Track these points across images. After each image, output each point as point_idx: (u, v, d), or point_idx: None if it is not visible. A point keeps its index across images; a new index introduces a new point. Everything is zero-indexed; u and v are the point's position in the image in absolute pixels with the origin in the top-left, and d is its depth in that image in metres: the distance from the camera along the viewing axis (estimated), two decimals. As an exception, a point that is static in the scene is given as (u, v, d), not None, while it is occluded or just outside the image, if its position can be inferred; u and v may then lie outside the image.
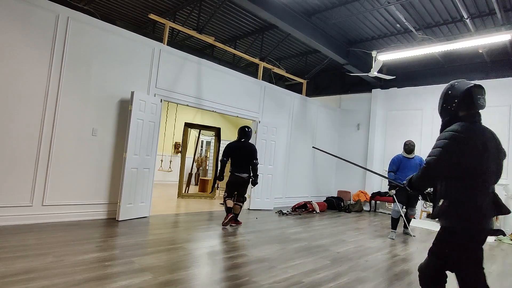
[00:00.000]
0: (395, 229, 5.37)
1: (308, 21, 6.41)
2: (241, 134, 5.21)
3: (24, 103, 4.05)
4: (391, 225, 5.41)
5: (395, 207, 5.36)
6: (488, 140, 1.79)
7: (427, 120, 7.98)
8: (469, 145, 1.72)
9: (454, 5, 5.59)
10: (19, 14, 3.99)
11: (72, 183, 4.49)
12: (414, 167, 5.35)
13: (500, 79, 6.99)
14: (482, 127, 1.84)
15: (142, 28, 7.77)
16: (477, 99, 1.83)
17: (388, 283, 3.17)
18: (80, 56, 4.51)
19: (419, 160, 5.41)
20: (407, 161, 5.41)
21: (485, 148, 1.75)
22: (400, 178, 5.38)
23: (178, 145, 10.91)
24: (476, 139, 1.74)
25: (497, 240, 5.85)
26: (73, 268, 2.77)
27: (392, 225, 5.39)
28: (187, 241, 3.99)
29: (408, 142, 5.46)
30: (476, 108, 1.85)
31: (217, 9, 6.59)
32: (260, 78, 7.44)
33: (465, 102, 1.85)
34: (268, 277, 3.01)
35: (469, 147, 1.72)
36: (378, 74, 6.76)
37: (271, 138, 7.22)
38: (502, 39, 5.25)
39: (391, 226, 5.40)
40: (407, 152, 5.45)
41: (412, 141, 5.47)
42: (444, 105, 1.94)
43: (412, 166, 5.37)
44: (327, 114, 9.27)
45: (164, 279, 2.73)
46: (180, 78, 5.71)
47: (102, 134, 4.78)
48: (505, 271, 3.95)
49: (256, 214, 6.45)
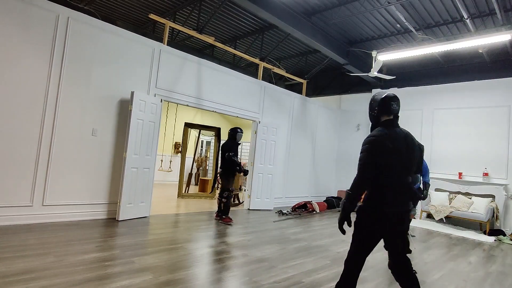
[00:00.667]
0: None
1: (308, 21, 6.41)
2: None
3: (24, 103, 4.05)
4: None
5: None
6: (399, 142, 2.17)
7: (427, 120, 7.98)
8: (382, 146, 2.10)
9: (454, 5, 5.59)
10: (19, 14, 3.99)
11: (72, 183, 4.49)
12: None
13: (500, 79, 6.99)
14: (396, 130, 2.22)
15: (142, 28, 7.77)
16: (390, 105, 2.23)
17: (388, 283, 3.17)
18: (80, 56, 4.51)
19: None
20: None
21: (396, 148, 2.13)
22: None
23: (178, 145, 10.91)
24: (388, 141, 2.12)
25: (497, 240, 5.85)
26: (73, 268, 2.77)
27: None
28: (187, 241, 3.99)
29: None
30: (391, 113, 2.24)
31: (217, 9, 6.59)
32: (260, 78, 7.44)
33: (382, 109, 2.25)
34: (268, 277, 3.01)
35: (382, 148, 2.10)
36: (378, 74, 6.76)
37: (271, 138, 7.22)
38: (502, 39, 5.25)
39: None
40: None
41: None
42: (370, 113, 2.35)
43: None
44: (327, 114, 9.27)
45: (164, 279, 2.73)
46: (180, 78, 5.71)
47: (102, 134, 4.78)
48: (505, 271, 3.95)
49: (256, 214, 6.45)
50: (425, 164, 5.37)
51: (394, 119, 2.26)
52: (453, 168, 7.42)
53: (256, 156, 6.96)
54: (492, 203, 6.50)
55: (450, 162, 7.49)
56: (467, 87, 7.44)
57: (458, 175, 7.25)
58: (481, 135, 7.13)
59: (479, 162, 7.06)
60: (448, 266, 3.94)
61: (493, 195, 6.70)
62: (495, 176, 6.84)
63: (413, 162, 2.24)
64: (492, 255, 4.69)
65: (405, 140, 2.21)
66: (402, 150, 2.16)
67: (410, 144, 2.22)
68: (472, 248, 5.05)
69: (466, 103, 7.42)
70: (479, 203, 6.51)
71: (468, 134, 7.31)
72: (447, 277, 3.51)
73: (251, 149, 7.10)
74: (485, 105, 7.15)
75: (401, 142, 2.18)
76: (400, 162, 2.15)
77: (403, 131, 2.25)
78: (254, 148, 7.00)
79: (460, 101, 7.52)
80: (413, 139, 2.28)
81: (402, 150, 2.16)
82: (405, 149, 2.18)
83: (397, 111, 2.26)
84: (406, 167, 2.19)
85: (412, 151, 2.23)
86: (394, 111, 2.25)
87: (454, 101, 7.61)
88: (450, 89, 7.71)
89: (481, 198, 6.66)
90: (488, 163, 6.94)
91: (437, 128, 7.82)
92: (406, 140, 2.22)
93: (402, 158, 2.15)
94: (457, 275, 3.63)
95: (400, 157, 2.15)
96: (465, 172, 7.22)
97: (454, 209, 6.64)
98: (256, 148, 6.97)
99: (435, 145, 7.78)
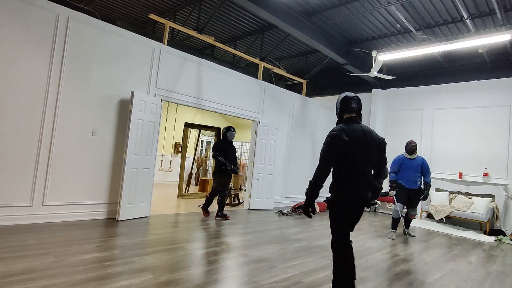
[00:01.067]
0: (395, 229, 5.38)
1: (308, 21, 6.41)
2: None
3: (24, 103, 4.05)
4: (391, 225, 5.42)
5: (395, 207, 5.36)
6: (357, 136, 2.40)
7: (427, 120, 7.99)
8: (341, 140, 2.34)
9: (454, 5, 5.59)
10: (19, 14, 3.99)
11: (72, 183, 4.49)
12: (416, 168, 5.33)
13: (500, 79, 6.99)
14: (356, 126, 2.47)
15: (142, 28, 7.77)
16: (349, 104, 2.53)
17: (388, 283, 3.17)
18: (80, 56, 4.51)
19: (421, 160, 5.39)
20: (408, 161, 5.40)
21: (354, 142, 2.37)
22: (402, 179, 5.37)
23: (178, 145, 10.91)
24: (346, 136, 2.36)
25: (497, 240, 5.85)
26: (73, 268, 2.77)
27: (393, 225, 5.40)
28: (187, 241, 3.99)
29: (409, 143, 5.44)
30: (351, 111, 2.53)
31: (217, 9, 6.59)
32: (260, 78, 7.44)
33: (343, 107, 2.56)
34: (268, 277, 3.01)
35: (341, 142, 2.34)
36: (378, 74, 6.76)
37: (271, 138, 7.22)
38: (502, 39, 5.25)
39: (391, 226, 5.41)
40: (408, 152, 5.44)
41: (414, 142, 5.44)
42: (336, 111, 2.67)
43: (414, 166, 5.34)
44: (327, 114, 9.27)
45: (164, 279, 2.73)
46: (180, 78, 5.71)
47: (102, 134, 4.78)
48: (505, 271, 3.95)
49: (256, 214, 6.45)
50: (426, 165, 5.40)
51: (356, 117, 2.54)
52: (453, 168, 7.42)
53: (256, 156, 6.96)
54: (492, 203, 6.50)
55: (450, 162, 7.49)
56: (467, 87, 7.44)
57: (458, 175, 7.25)
58: (481, 135, 7.13)
59: (479, 162, 7.06)
60: (448, 266, 3.94)
61: (493, 195, 6.70)
62: (495, 176, 6.84)
63: (372, 154, 2.48)
64: (492, 255, 4.69)
65: (364, 135, 2.45)
66: (361, 144, 2.41)
67: (368, 138, 2.46)
68: (472, 248, 5.05)
69: (466, 103, 7.42)
70: (479, 203, 6.51)
71: (468, 134, 7.31)
72: (447, 277, 3.51)
73: (251, 149, 7.10)
74: (485, 105, 7.15)
75: (359, 136, 2.42)
76: (359, 154, 2.40)
77: (363, 127, 2.50)
78: (254, 148, 7.00)
79: (460, 101, 7.52)
80: (372, 134, 2.52)
81: (360, 144, 2.41)
82: (363, 143, 2.42)
83: (357, 109, 2.55)
84: (365, 159, 2.44)
85: (370, 144, 2.46)
86: (353, 109, 2.54)
87: (454, 101, 7.61)
88: (450, 89, 7.71)
89: (481, 198, 6.66)
90: (488, 163, 6.95)
91: (437, 128, 7.82)
92: (365, 135, 2.46)
93: (360, 151, 2.40)
94: (457, 275, 3.63)
95: (358, 150, 2.40)
96: (465, 172, 7.22)
97: (454, 209, 6.64)
98: (256, 148, 6.97)
99: (435, 145, 7.78)
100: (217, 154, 5.49)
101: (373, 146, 2.48)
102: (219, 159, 5.47)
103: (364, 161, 2.43)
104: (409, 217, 5.55)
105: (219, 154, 5.50)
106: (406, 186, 5.32)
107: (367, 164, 2.46)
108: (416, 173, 5.32)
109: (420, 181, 5.35)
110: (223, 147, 5.62)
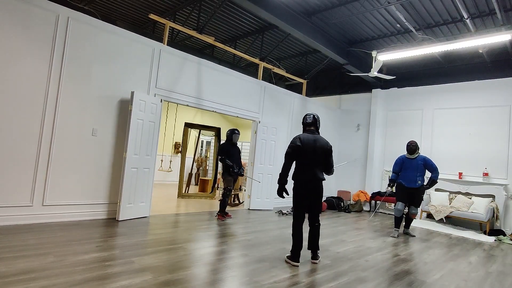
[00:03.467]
0: (398, 227, 5.43)
1: (308, 21, 6.41)
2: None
3: (24, 103, 4.05)
4: (395, 223, 5.47)
5: (397, 206, 5.42)
6: (309, 142, 3.49)
7: (427, 120, 7.98)
8: (296, 145, 3.47)
9: (454, 5, 5.59)
10: (19, 14, 3.99)
11: (72, 183, 4.49)
12: (416, 167, 5.38)
13: (500, 79, 6.99)
14: (309, 135, 3.57)
15: (142, 28, 7.77)
16: (306, 120, 3.73)
17: (388, 283, 3.17)
18: (80, 56, 4.51)
19: (422, 159, 5.42)
20: (409, 161, 5.46)
21: (305, 146, 3.48)
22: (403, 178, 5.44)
23: (178, 145, 10.91)
24: (299, 142, 3.48)
25: (497, 240, 5.85)
26: (73, 268, 2.77)
27: (396, 223, 5.45)
28: (187, 241, 3.99)
29: (409, 143, 5.50)
30: (308, 125, 3.69)
31: (217, 9, 6.59)
32: (260, 78, 7.44)
33: (303, 122, 3.77)
34: (268, 277, 3.01)
35: (296, 146, 3.47)
36: (378, 74, 6.75)
37: (271, 138, 7.22)
38: (502, 39, 5.25)
39: (395, 225, 5.46)
40: (409, 152, 5.50)
41: (414, 142, 5.50)
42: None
43: (414, 166, 5.40)
44: (327, 114, 9.27)
45: (164, 279, 2.73)
46: (180, 78, 5.71)
47: (102, 134, 4.78)
48: (505, 271, 3.95)
49: (256, 214, 6.45)
50: (430, 162, 5.45)
51: (312, 129, 3.65)
52: (453, 168, 7.42)
53: (256, 156, 6.96)
54: (492, 203, 6.50)
55: (450, 162, 7.49)
56: (467, 87, 7.44)
57: (458, 175, 7.25)
58: (481, 135, 7.13)
59: (479, 162, 7.06)
60: (448, 266, 3.94)
61: (493, 195, 6.70)
62: (495, 176, 6.84)
63: (318, 155, 3.51)
64: (492, 255, 4.69)
65: (314, 142, 3.51)
66: (310, 147, 3.48)
67: (317, 144, 3.52)
68: (472, 248, 5.05)
69: (466, 103, 7.42)
70: (479, 203, 6.51)
71: (468, 134, 7.31)
72: (447, 277, 3.51)
73: (251, 149, 7.10)
74: (485, 105, 7.15)
75: (310, 143, 3.50)
76: (308, 155, 3.47)
77: (315, 135, 3.58)
78: (254, 148, 7.00)
79: (460, 101, 7.52)
80: (319, 141, 3.55)
81: (309, 147, 3.48)
82: (312, 147, 3.49)
83: (311, 123, 3.66)
84: (313, 158, 3.49)
85: (317, 149, 3.50)
86: (308, 123, 3.67)
87: (454, 101, 7.61)
88: (450, 89, 7.71)
89: (481, 198, 6.66)
90: (488, 163, 6.94)
91: (437, 128, 7.82)
92: (314, 141, 3.51)
93: (309, 152, 3.47)
94: (457, 275, 3.63)
95: (308, 152, 3.47)
96: (465, 172, 7.22)
97: (454, 209, 6.64)
98: (256, 148, 6.97)
99: (435, 145, 7.78)
100: (224, 157, 5.56)
101: (319, 150, 3.51)
102: (226, 162, 5.52)
103: (311, 159, 3.48)
104: (410, 216, 5.57)
105: (226, 157, 5.57)
106: (406, 185, 5.39)
107: (314, 161, 3.48)
108: (416, 172, 5.37)
109: (421, 180, 5.38)
110: (228, 149, 5.67)
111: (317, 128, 3.68)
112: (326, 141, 3.59)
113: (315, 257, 3.61)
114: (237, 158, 5.75)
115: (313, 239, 3.60)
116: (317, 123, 3.69)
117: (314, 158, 3.47)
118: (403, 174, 5.45)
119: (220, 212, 5.59)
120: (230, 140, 5.75)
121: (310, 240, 3.61)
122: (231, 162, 5.57)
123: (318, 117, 3.73)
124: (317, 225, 3.62)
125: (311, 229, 3.62)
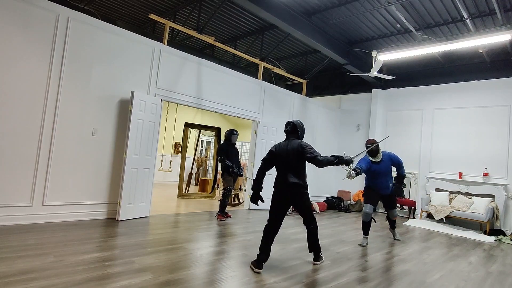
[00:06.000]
0: (366, 234, 4.71)
1: (308, 21, 6.41)
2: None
3: (24, 103, 4.05)
4: (363, 230, 4.73)
5: (365, 209, 4.71)
6: (282, 149, 3.48)
7: (427, 120, 7.98)
8: (271, 152, 3.53)
9: (454, 5, 5.58)
10: (19, 14, 3.99)
11: (72, 183, 4.49)
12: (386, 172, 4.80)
13: (500, 79, 6.98)
14: (284, 142, 3.54)
15: (142, 28, 7.77)
16: (285, 127, 3.64)
17: (388, 283, 3.17)
18: (80, 56, 4.51)
19: (388, 159, 4.82)
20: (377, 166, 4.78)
21: (279, 152, 3.48)
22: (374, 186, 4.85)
23: (178, 145, 10.91)
24: (275, 149, 3.52)
25: (497, 240, 5.85)
26: (73, 268, 2.77)
27: (364, 229, 4.72)
28: (187, 241, 3.99)
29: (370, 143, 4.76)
30: (286, 132, 3.61)
31: (217, 9, 6.58)
32: (260, 78, 7.43)
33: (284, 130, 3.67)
34: (268, 277, 3.01)
35: (271, 153, 3.53)
36: (378, 74, 6.75)
37: (271, 138, 7.22)
38: (502, 39, 5.24)
39: (363, 232, 4.73)
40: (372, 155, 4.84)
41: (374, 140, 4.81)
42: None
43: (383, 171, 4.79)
44: (327, 114, 9.27)
45: (164, 279, 2.73)
46: (180, 78, 5.71)
47: (102, 134, 4.78)
48: (505, 271, 3.95)
49: (256, 214, 6.45)
50: (396, 158, 4.89)
51: (289, 135, 3.57)
52: (453, 168, 7.42)
53: (256, 156, 6.95)
54: (492, 203, 6.50)
55: (450, 162, 7.49)
56: (467, 87, 7.44)
57: (458, 175, 7.25)
58: (481, 135, 7.13)
59: (479, 162, 7.06)
60: (448, 266, 3.94)
61: (493, 195, 6.69)
62: (495, 176, 6.84)
63: (291, 159, 3.41)
64: (492, 255, 4.69)
65: (286, 147, 3.47)
66: (283, 152, 3.45)
67: (288, 148, 3.46)
68: (472, 248, 5.05)
69: (466, 103, 7.42)
70: (479, 203, 6.51)
71: (468, 134, 7.31)
72: (447, 277, 3.51)
73: (251, 149, 7.10)
74: (485, 105, 7.15)
75: (283, 149, 3.47)
76: (281, 159, 3.45)
77: (289, 141, 3.50)
78: (254, 148, 7.00)
79: (460, 101, 7.52)
80: (290, 144, 3.47)
81: (283, 152, 3.46)
82: (285, 152, 3.45)
83: (289, 131, 3.58)
84: (286, 162, 3.43)
85: (289, 154, 3.42)
86: (286, 131, 3.61)
87: (454, 101, 7.60)
88: (450, 89, 7.71)
89: (481, 198, 6.65)
90: (488, 163, 6.94)
91: (437, 128, 7.82)
92: (287, 147, 3.47)
93: (282, 158, 3.45)
94: (457, 275, 3.63)
95: (281, 157, 3.46)
96: (465, 172, 7.22)
97: (454, 209, 6.64)
98: (256, 148, 6.97)
99: (435, 145, 7.78)
100: (223, 158, 5.60)
101: (291, 152, 3.42)
102: (226, 163, 5.56)
103: (285, 164, 3.44)
104: (391, 218, 5.13)
105: (225, 158, 5.61)
106: (379, 192, 4.84)
107: (287, 165, 3.43)
108: (387, 177, 4.81)
109: (391, 181, 4.90)
110: (227, 150, 5.72)
111: (299, 136, 3.53)
112: (299, 142, 3.45)
113: (315, 258, 3.61)
114: (236, 159, 5.81)
115: (309, 242, 3.58)
116: (297, 130, 3.53)
117: (287, 162, 3.41)
118: (374, 182, 4.79)
119: (220, 212, 5.60)
120: (228, 140, 5.81)
121: (308, 243, 3.60)
122: (230, 162, 5.60)
123: (299, 123, 3.58)
124: (311, 227, 3.56)
125: (307, 232, 3.61)
